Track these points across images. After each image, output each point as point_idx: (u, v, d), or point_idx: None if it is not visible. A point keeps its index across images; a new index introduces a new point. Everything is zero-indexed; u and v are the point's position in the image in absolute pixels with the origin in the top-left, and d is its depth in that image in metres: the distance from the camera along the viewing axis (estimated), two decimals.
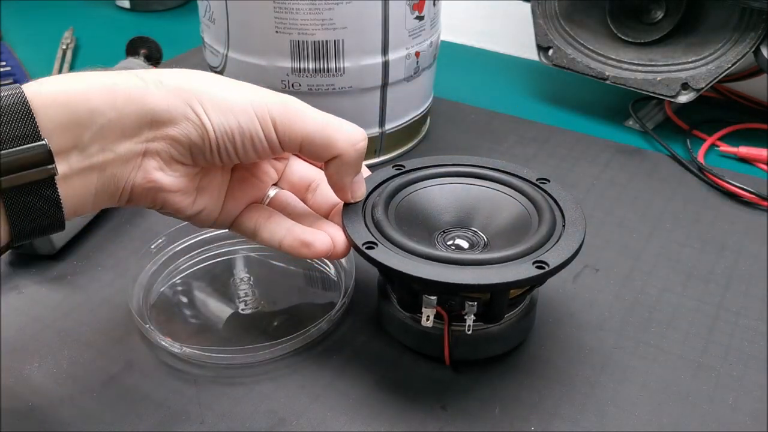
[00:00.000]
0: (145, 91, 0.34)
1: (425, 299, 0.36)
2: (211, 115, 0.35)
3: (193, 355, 0.42)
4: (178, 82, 0.35)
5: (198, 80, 0.36)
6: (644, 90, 0.66)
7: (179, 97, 0.35)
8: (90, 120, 0.32)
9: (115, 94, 0.33)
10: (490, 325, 0.40)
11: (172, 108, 0.34)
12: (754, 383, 0.41)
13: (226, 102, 0.36)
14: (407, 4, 0.56)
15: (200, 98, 0.35)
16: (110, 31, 0.90)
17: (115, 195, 0.35)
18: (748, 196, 0.58)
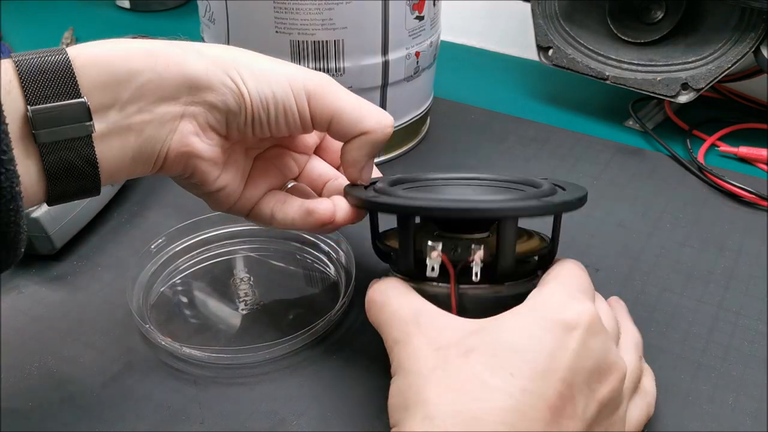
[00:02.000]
0: (184, 57, 0.35)
1: (429, 247, 0.35)
2: (249, 84, 0.36)
3: (193, 355, 0.42)
4: (217, 52, 0.37)
5: (236, 52, 0.38)
6: (644, 90, 0.66)
7: (218, 66, 0.36)
8: (129, 80, 0.33)
9: (155, 57, 0.34)
10: (499, 287, 0.37)
11: (212, 74, 0.35)
12: (754, 383, 0.41)
13: (263, 73, 0.37)
14: (407, 4, 0.56)
15: (238, 67, 0.36)
16: (110, 31, 0.90)
17: (150, 160, 0.36)
18: (748, 196, 0.58)
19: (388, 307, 0.35)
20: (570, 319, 0.32)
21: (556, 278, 0.36)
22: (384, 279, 0.38)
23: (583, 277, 0.36)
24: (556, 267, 0.37)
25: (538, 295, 0.34)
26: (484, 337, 0.32)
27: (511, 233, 0.36)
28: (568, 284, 0.35)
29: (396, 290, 0.36)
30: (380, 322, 0.36)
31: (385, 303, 0.36)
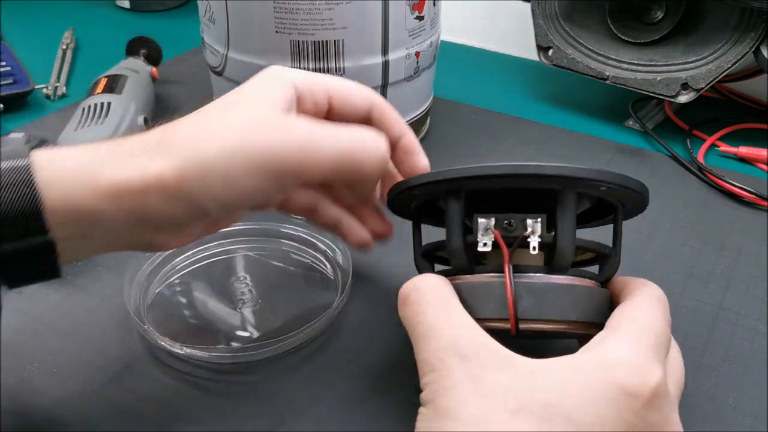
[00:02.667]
0: (145, 202, 0.32)
1: (480, 222, 0.32)
2: (216, 213, 0.33)
3: (193, 355, 0.42)
4: (182, 176, 0.32)
5: (204, 167, 0.32)
6: (644, 90, 0.66)
7: (182, 204, 0.32)
8: (96, 227, 0.32)
9: (121, 202, 0.31)
10: (557, 276, 0.33)
11: (176, 217, 0.33)
12: (754, 383, 0.41)
13: (233, 191, 0.33)
14: (407, 4, 0.56)
15: (203, 198, 0.32)
16: (110, 31, 0.90)
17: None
18: (748, 196, 0.58)
19: (425, 317, 0.31)
20: (634, 387, 0.28)
21: (632, 326, 0.31)
22: (423, 275, 0.34)
23: (662, 325, 0.32)
24: (634, 305, 0.32)
25: (606, 346, 0.30)
26: (535, 394, 0.28)
27: (571, 206, 0.32)
28: (644, 339, 0.30)
29: (436, 296, 0.32)
30: (413, 332, 0.32)
31: (421, 312, 0.32)
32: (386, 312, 0.46)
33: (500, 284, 0.32)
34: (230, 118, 0.33)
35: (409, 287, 0.33)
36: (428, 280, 0.33)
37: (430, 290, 0.32)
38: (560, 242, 0.32)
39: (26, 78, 0.71)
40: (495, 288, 0.32)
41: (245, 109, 0.34)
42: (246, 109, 0.34)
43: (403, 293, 0.33)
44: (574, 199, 0.32)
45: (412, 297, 0.32)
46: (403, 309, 0.33)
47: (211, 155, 0.32)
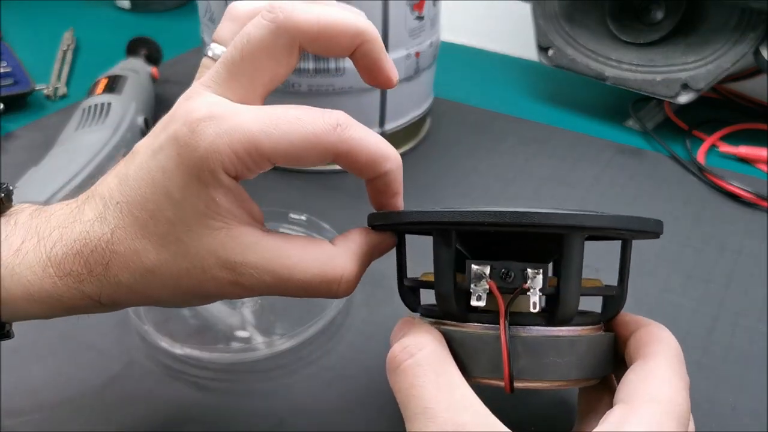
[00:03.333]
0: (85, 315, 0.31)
1: (474, 270, 0.28)
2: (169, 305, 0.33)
3: (193, 355, 0.42)
4: (121, 296, 0.30)
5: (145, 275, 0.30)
6: (644, 90, 0.66)
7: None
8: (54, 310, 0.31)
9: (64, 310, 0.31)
10: (558, 330, 0.29)
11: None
12: (754, 383, 0.41)
13: (176, 296, 0.31)
14: (407, 4, 0.56)
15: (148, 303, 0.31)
16: (110, 31, 0.90)
17: None
18: (748, 196, 0.58)
19: (422, 393, 0.27)
20: None
21: (654, 407, 0.27)
22: (416, 335, 0.29)
23: (684, 401, 0.28)
24: (653, 374, 0.29)
25: (624, 422, 0.27)
26: None
27: (578, 253, 0.28)
28: (666, 422, 0.27)
29: (434, 368, 0.28)
30: (406, 406, 0.28)
31: (417, 386, 0.28)
32: (386, 312, 0.46)
33: (495, 339, 0.28)
34: (176, 262, 0.29)
35: (401, 354, 0.29)
36: (423, 344, 0.29)
37: (426, 360, 0.28)
38: (563, 295, 0.28)
39: (26, 78, 0.71)
40: (489, 343, 0.29)
41: (188, 253, 0.29)
42: (187, 252, 0.29)
43: (395, 360, 0.29)
44: (581, 247, 0.28)
45: (405, 366, 0.28)
46: (396, 378, 0.29)
47: (161, 299, 0.31)
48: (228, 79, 0.29)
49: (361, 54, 0.31)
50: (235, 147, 0.28)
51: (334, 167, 0.33)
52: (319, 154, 0.29)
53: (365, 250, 0.32)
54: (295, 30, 0.29)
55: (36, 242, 0.30)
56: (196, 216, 0.28)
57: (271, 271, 0.30)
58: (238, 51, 0.29)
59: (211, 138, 0.27)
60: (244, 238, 0.29)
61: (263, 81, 0.30)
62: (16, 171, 0.55)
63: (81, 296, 0.30)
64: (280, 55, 0.29)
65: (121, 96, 0.61)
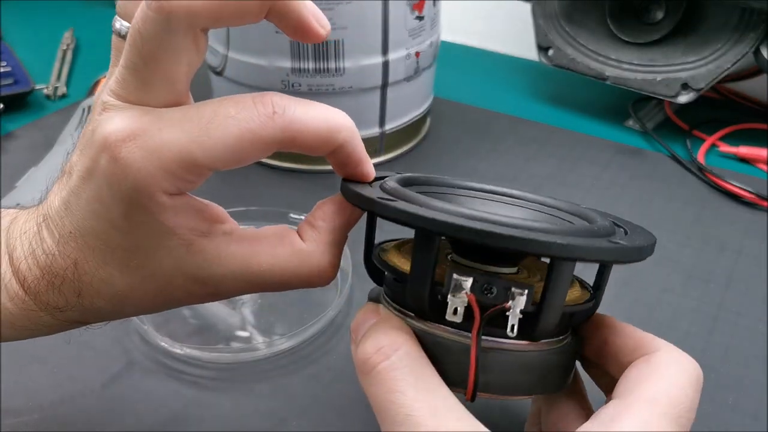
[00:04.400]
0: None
1: (455, 282, 0.26)
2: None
3: (193, 355, 0.42)
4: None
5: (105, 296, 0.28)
6: (644, 90, 0.66)
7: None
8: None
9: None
10: (532, 346, 0.28)
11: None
12: (754, 383, 0.41)
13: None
14: (407, 4, 0.56)
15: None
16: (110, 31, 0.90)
17: None
18: (748, 196, 0.58)
19: (402, 399, 0.25)
20: None
21: (650, 400, 0.26)
22: (387, 331, 0.27)
23: (687, 397, 0.26)
24: (659, 374, 0.27)
25: (616, 421, 0.25)
26: None
27: (566, 279, 0.26)
28: (661, 420, 0.25)
29: (412, 369, 0.26)
30: (385, 414, 0.25)
31: (397, 391, 0.25)
32: None
33: (463, 350, 0.26)
34: (144, 284, 0.28)
35: (376, 356, 0.26)
36: (398, 343, 0.26)
37: (402, 362, 0.26)
38: (545, 316, 0.27)
39: (26, 78, 0.71)
40: (457, 353, 0.27)
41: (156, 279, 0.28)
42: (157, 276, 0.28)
43: (369, 362, 0.26)
44: (572, 270, 0.26)
45: (380, 369, 0.26)
46: (370, 382, 0.26)
47: (145, 312, 0.30)
48: (138, 85, 0.26)
49: (277, 15, 0.26)
50: (168, 166, 0.25)
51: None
52: (262, 149, 0.26)
53: (336, 233, 0.30)
54: (189, 14, 0.24)
55: (10, 273, 0.29)
56: (150, 240, 0.26)
57: (244, 280, 0.28)
58: (137, 53, 0.25)
59: (139, 163, 0.25)
60: (206, 252, 0.27)
61: (177, 75, 0.26)
62: (16, 171, 0.55)
63: (66, 322, 0.29)
64: (184, 46, 0.25)
65: None
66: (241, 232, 0.29)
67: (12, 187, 0.51)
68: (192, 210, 0.27)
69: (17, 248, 0.29)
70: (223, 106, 0.25)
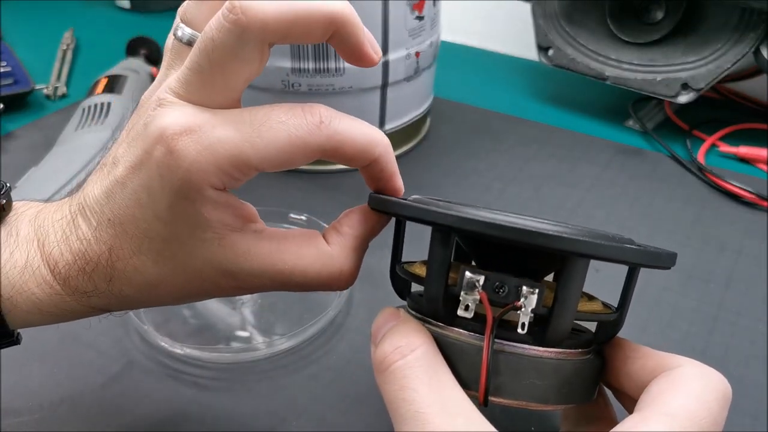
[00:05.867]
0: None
1: (467, 278, 0.26)
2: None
3: (193, 355, 0.42)
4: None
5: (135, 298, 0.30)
6: (644, 90, 0.66)
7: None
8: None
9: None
10: (545, 352, 0.27)
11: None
12: (754, 383, 0.41)
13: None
14: (407, 4, 0.56)
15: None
16: (110, 31, 0.90)
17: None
18: (748, 196, 0.58)
19: (414, 396, 0.26)
20: None
21: (667, 414, 0.25)
22: (406, 334, 0.27)
23: (710, 412, 0.25)
24: (681, 390, 0.26)
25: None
26: None
27: (579, 278, 0.26)
28: (681, 430, 0.24)
29: (426, 369, 0.26)
30: (396, 410, 0.26)
31: (409, 389, 0.26)
32: None
33: (477, 351, 0.27)
34: (175, 274, 0.30)
35: (393, 355, 0.27)
36: (415, 344, 0.27)
37: (418, 362, 0.26)
38: (556, 318, 0.27)
39: (26, 78, 0.71)
40: (471, 354, 0.27)
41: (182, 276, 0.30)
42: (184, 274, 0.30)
43: (386, 360, 0.27)
44: (585, 271, 0.26)
45: (395, 367, 0.27)
46: (384, 380, 0.27)
47: (167, 302, 0.31)
48: (200, 87, 0.27)
49: (338, 39, 0.29)
50: (220, 162, 0.26)
51: (335, 167, 0.33)
52: (307, 155, 0.28)
53: (360, 240, 0.32)
54: (262, 29, 0.26)
55: (40, 259, 0.29)
56: (187, 231, 0.28)
57: (269, 276, 0.30)
58: (206, 58, 0.27)
59: (193, 156, 0.26)
60: (237, 247, 0.29)
61: (237, 83, 0.28)
62: (16, 171, 0.55)
63: (90, 308, 0.30)
64: (251, 57, 0.27)
65: (121, 96, 0.61)
66: (271, 231, 0.30)
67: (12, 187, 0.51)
68: (230, 206, 0.28)
69: (50, 234, 0.30)
70: (275, 111, 0.27)
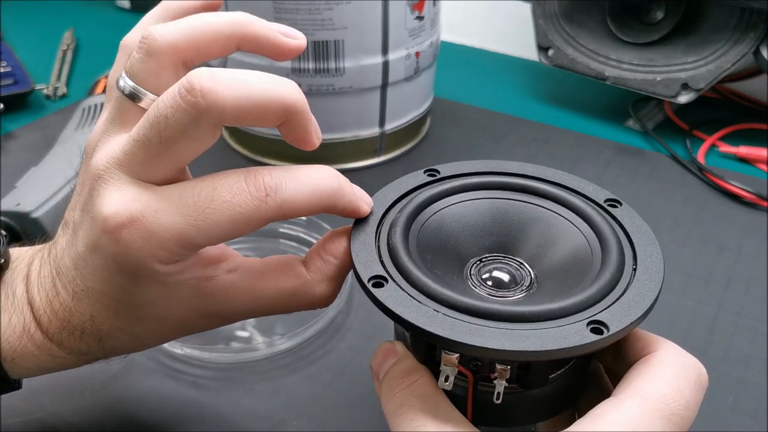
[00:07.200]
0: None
1: (445, 356, 0.27)
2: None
3: (193, 355, 0.42)
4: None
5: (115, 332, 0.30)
6: (644, 90, 0.66)
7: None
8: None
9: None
10: (529, 390, 0.29)
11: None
12: (754, 383, 0.41)
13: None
14: (407, 4, 0.56)
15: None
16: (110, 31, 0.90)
17: None
18: (748, 196, 0.58)
19: (411, 414, 0.27)
20: None
21: (639, 396, 0.26)
22: (411, 375, 0.28)
23: (683, 396, 0.26)
24: (655, 374, 0.27)
25: (604, 416, 0.25)
26: None
27: (546, 363, 0.28)
28: (649, 416, 0.25)
29: (425, 393, 0.28)
30: (391, 422, 0.28)
31: (405, 404, 0.27)
32: None
33: (463, 398, 0.29)
34: (161, 327, 0.31)
35: (397, 387, 0.28)
36: (415, 377, 0.28)
37: (418, 390, 0.28)
38: (532, 378, 0.28)
39: (26, 78, 0.71)
40: (459, 398, 0.29)
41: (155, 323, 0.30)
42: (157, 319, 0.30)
43: (391, 391, 0.28)
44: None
45: (399, 393, 0.28)
46: (387, 405, 0.28)
47: (164, 342, 0.33)
48: (146, 161, 0.27)
49: (288, 126, 0.29)
50: (166, 246, 0.27)
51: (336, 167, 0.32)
52: (254, 227, 0.28)
53: (342, 270, 0.31)
54: (219, 114, 0.26)
55: (35, 324, 0.30)
56: (160, 296, 0.29)
57: (251, 309, 0.31)
58: (156, 134, 0.26)
59: (138, 245, 0.27)
60: (215, 294, 0.29)
61: (184, 159, 0.28)
62: (16, 171, 0.55)
63: (90, 361, 0.32)
64: (203, 137, 0.27)
65: None
66: (246, 265, 0.31)
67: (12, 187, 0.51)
68: (192, 263, 0.29)
69: (36, 299, 0.30)
70: (218, 191, 0.27)
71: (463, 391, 0.29)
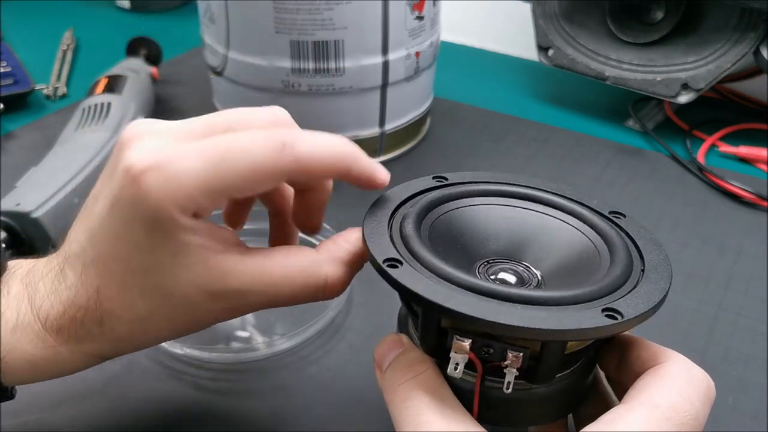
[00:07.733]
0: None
1: (456, 342, 0.27)
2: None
3: (193, 355, 0.42)
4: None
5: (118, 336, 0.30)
6: (644, 90, 0.66)
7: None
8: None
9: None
10: (536, 386, 0.29)
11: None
12: (754, 383, 0.41)
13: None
14: (407, 4, 0.56)
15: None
16: (110, 31, 0.90)
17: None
18: (748, 196, 0.58)
19: (416, 408, 0.28)
20: None
21: (650, 405, 0.26)
22: (416, 364, 0.29)
23: (692, 406, 0.27)
24: (666, 384, 0.27)
25: (615, 423, 0.25)
26: None
27: (559, 350, 0.28)
28: (660, 424, 0.25)
29: (431, 388, 0.28)
30: (396, 419, 0.29)
31: (410, 398, 0.28)
32: (386, 312, 0.46)
33: (470, 390, 0.29)
34: (164, 304, 0.30)
35: (400, 378, 0.29)
36: (420, 369, 0.29)
37: (424, 382, 0.28)
38: (543, 366, 0.28)
39: (26, 78, 0.71)
40: (465, 391, 0.29)
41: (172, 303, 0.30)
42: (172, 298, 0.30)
43: (393, 383, 0.29)
44: (560, 347, 0.28)
45: (402, 385, 0.29)
46: (392, 400, 0.29)
47: (160, 338, 0.32)
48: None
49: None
50: (188, 191, 0.27)
51: None
52: (273, 180, 0.29)
53: (353, 255, 0.31)
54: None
55: (30, 314, 0.30)
56: (169, 258, 0.28)
57: (256, 292, 0.30)
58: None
59: (158, 188, 0.27)
60: (221, 267, 0.29)
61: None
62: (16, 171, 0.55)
63: (83, 356, 0.31)
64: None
65: (121, 96, 0.61)
66: (255, 248, 0.31)
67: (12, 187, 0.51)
68: (208, 231, 0.29)
69: (39, 289, 0.30)
70: (238, 139, 0.28)
71: (470, 385, 0.29)
